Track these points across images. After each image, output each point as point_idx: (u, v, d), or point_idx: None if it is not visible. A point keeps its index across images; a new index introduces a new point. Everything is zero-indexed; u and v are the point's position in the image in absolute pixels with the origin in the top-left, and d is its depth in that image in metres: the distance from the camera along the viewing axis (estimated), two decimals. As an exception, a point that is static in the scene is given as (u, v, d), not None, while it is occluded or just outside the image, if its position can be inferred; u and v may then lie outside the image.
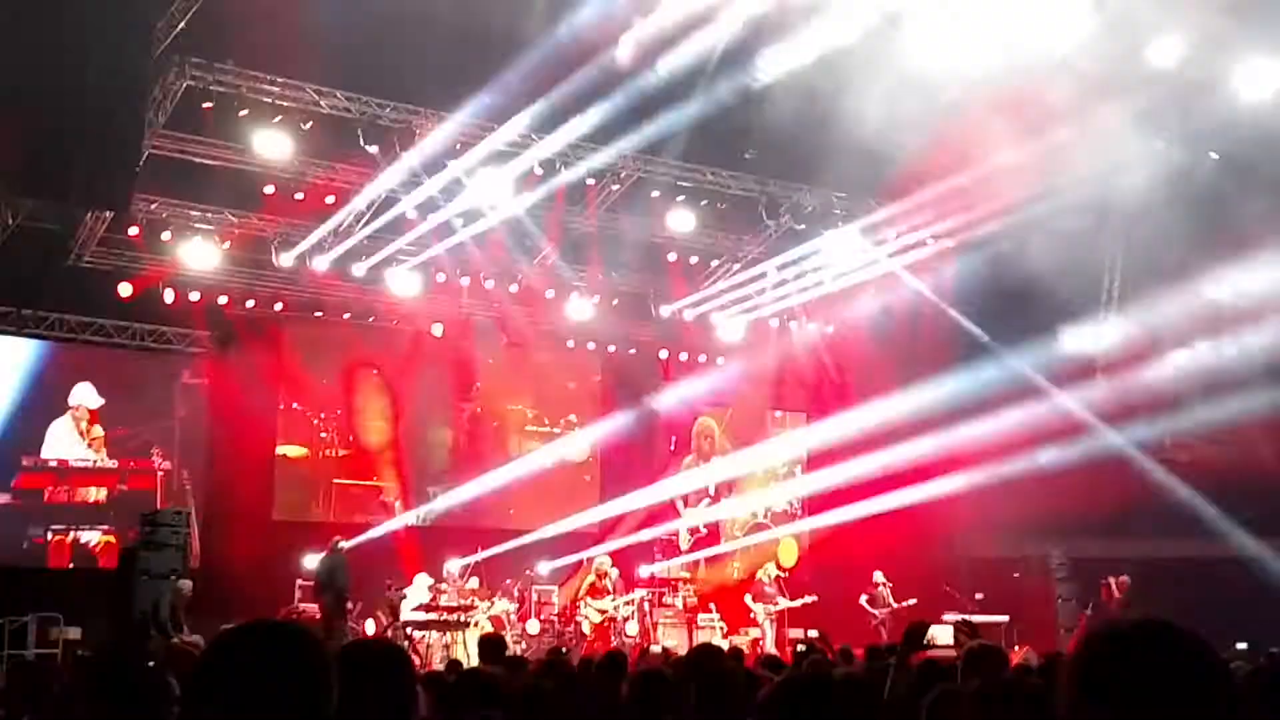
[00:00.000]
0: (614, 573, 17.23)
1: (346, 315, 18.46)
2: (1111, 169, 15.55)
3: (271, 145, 15.08)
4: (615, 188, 17.39)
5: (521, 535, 18.97)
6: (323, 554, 15.69)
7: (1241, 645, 15.78)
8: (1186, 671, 1.82)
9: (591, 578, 17.24)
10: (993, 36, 13.35)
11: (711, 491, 21.51)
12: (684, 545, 20.96)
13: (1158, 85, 14.21)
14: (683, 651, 12.91)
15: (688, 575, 20.28)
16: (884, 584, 17.66)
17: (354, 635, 15.05)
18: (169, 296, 17.00)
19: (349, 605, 15.53)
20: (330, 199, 16.39)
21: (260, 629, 2.21)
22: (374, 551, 16.85)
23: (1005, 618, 17.58)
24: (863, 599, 17.57)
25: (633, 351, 20.90)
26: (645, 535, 20.27)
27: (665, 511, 20.91)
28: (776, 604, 17.83)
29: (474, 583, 16.63)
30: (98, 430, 17.01)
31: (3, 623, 14.51)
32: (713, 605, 18.88)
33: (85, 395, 16.99)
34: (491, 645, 8.58)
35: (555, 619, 16.97)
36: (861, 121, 13.69)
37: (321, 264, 17.11)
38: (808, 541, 21.73)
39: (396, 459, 19.23)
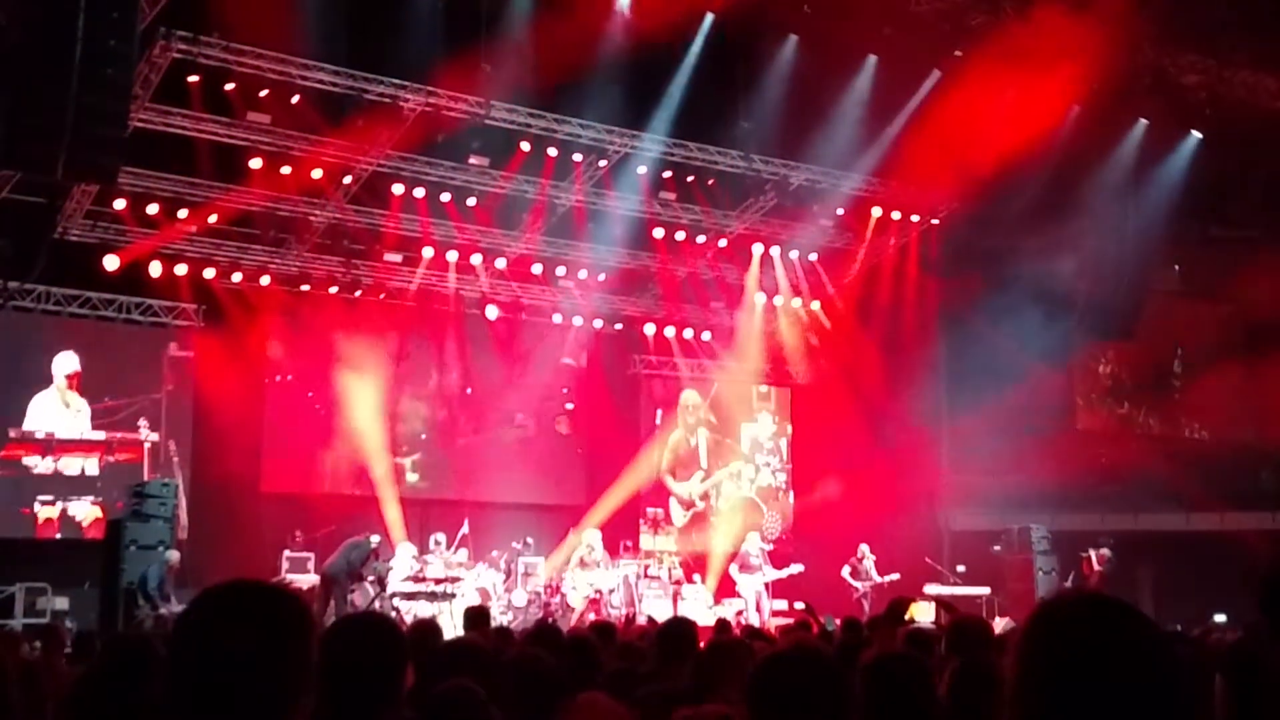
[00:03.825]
0: (599, 545, 17.33)
1: (333, 289, 18.47)
2: None
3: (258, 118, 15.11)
4: (602, 164, 17.42)
5: (509, 507, 19.12)
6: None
7: (1220, 618, 16.01)
8: (1126, 648, 1.81)
9: (580, 550, 17.35)
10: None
11: (703, 464, 21.63)
12: (671, 517, 21.10)
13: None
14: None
15: (674, 547, 20.44)
16: (868, 556, 17.75)
17: (352, 608, 15.10)
18: (155, 269, 16.96)
19: (351, 584, 15.56)
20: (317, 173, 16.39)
21: (235, 590, 2.05)
22: (362, 523, 16.91)
23: (986, 590, 17.79)
24: (844, 571, 17.64)
25: (619, 326, 20.98)
26: (632, 508, 20.40)
27: (652, 484, 21.05)
28: (763, 574, 17.93)
29: (461, 554, 16.75)
30: (80, 401, 16.99)
31: (-10, 592, 14.62)
32: (698, 577, 19.07)
33: (66, 362, 16.97)
34: (475, 616, 8.61)
35: (541, 591, 17.10)
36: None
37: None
38: (793, 513, 21.90)
39: (384, 431, 19.26)
